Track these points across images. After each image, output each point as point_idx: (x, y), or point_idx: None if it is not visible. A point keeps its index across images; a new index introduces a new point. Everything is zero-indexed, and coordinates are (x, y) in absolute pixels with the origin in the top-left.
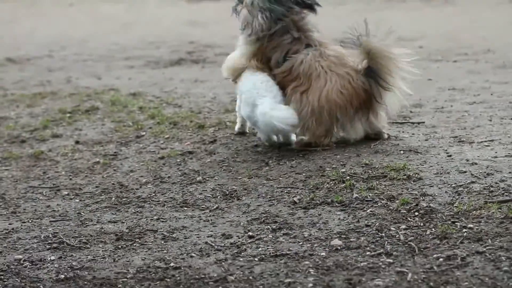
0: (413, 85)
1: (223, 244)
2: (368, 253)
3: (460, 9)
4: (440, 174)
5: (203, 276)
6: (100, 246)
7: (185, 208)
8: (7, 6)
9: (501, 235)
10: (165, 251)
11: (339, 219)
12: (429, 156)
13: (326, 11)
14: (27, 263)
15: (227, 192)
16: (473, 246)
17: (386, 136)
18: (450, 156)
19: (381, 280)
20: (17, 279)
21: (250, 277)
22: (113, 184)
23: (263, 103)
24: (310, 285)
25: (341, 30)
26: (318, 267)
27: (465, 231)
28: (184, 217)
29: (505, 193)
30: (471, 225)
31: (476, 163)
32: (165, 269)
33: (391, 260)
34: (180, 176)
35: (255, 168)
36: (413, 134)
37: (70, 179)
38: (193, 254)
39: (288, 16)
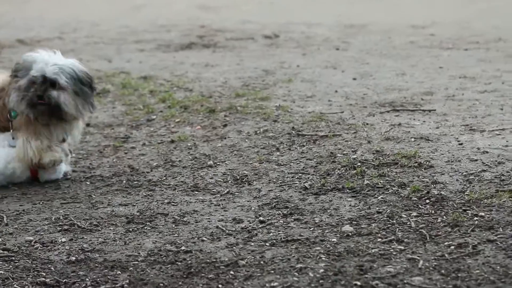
0: (424, 72)
1: (234, 229)
2: (379, 239)
3: None
4: (451, 162)
5: (214, 260)
6: (111, 229)
7: (196, 192)
8: None
9: None
10: (176, 235)
11: (350, 205)
12: (440, 144)
13: None
14: (38, 245)
15: (238, 177)
16: (484, 235)
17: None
18: (461, 144)
19: (392, 266)
20: (28, 260)
21: (261, 262)
22: (124, 167)
23: None
24: (321, 270)
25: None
26: (329, 253)
27: (476, 220)
28: (195, 201)
29: None
30: (482, 214)
31: (487, 152)
32: (176, 252)
33: (402, 247)
34: (191, 160)
35: (265, 153)
36: (424, 121)
37: (81, 161)
38: (204, 238)
39: None
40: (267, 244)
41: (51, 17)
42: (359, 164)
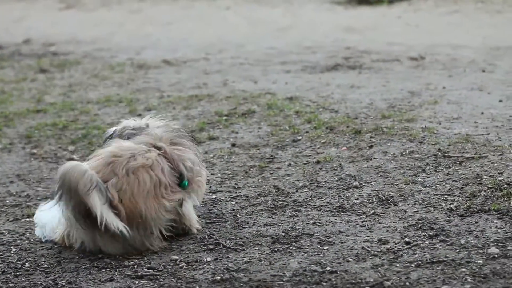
0: None
1: (379, 250)
2: None
3: None
4: None
5: (359, 281)
6: (256, 248)
7: (342, 213)
8: (164, 8)
9: None
10: (321, 255)
11: (496, 227)
12: None
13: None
14: (183, 264)
15: (384, 198)
16: None
17: None
18: None
19: None
20: (173, 279)
21: (407, 283)
22: (269, 187)
23: None
24: None
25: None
26: (475, 274)
27: None
28: (341, 222)
29: None
30: None
31: None
32: (321, 273)
33: None
34: (337, 181)
35: (411, 175)
36: None
37: (227, 181)
38: (349, 259)
39: None
40: (412, 265)
41: (197, 37)
42: (505, 186)
